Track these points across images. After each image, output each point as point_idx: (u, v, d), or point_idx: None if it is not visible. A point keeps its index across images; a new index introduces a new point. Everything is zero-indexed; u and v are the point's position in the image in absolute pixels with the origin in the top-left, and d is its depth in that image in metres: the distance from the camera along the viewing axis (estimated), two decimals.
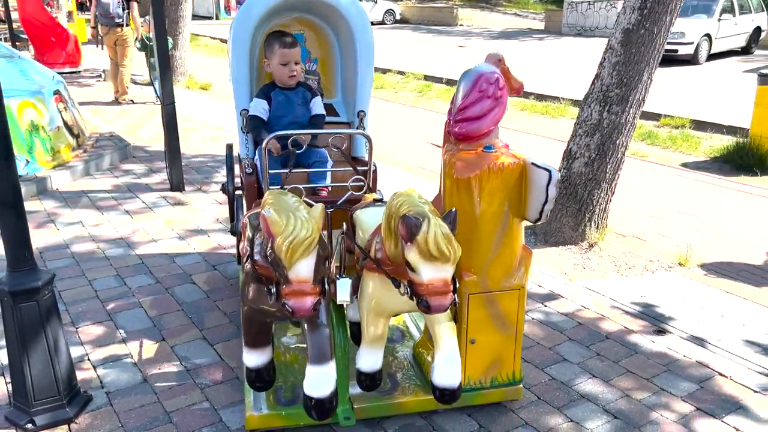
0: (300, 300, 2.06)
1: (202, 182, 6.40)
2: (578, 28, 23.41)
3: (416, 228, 2.12)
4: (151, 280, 4.26)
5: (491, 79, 2.65)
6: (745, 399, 3.13)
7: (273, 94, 3.57)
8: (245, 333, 2.59)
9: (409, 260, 2.17)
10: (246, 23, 3.51)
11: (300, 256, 2.03)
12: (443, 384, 2.49)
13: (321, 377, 2.32)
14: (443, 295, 2.16)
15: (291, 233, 2.03)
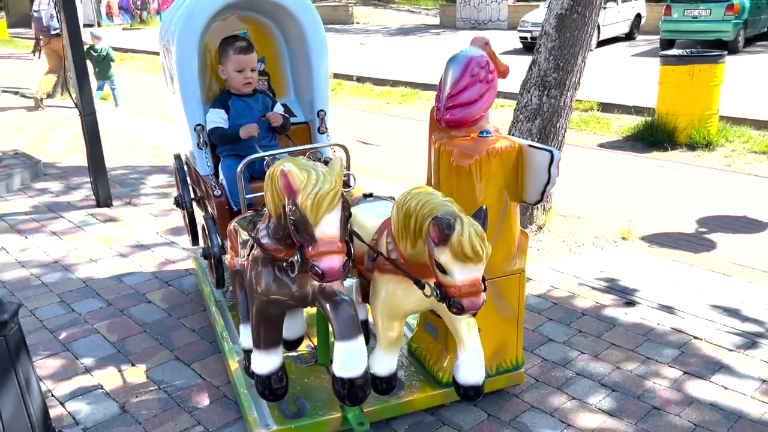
0: (330, 259, 1.90)
1: (129, 196, 6.01)
2: (472, 21, 24.04)
3: (450, 229, 2.02)
4: (101, 303, 3.93)
5: (482, 63, 2.61)
6: (724, 358, 3.28)
7: (231, 102, 3.37)
8: (255, 333, 2.39)
9: (441, 262, 2.08)
10: (191, 31, 3.23)
11: (325, 210, 1.89)
12: (470, 382, 2.42)
13: (351, 353, 2.16)
14: (476, 296, 2.09)
15: (315, 186, 1.88)
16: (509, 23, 23.11)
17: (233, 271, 2.73)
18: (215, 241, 3.27)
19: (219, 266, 3.29)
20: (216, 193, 3.22)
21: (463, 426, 2.80)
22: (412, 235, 2.26)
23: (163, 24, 3.66)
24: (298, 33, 3.50)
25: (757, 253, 4.92)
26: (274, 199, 2.07)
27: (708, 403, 2.93)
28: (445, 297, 2.14)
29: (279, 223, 2.10)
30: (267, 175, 2.13)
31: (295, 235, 1.95)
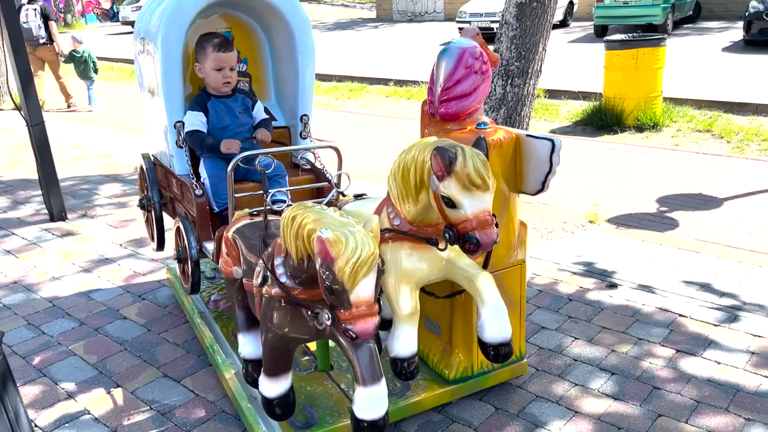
0: (364, 323, 1.84)
1: (84, 207, 5.74)
2: (409, 14, 24.12)
3: (453, 158, 2.02)
4: (72, 323, 3.72)
5: (475, 54, 2.57)
6: (711, 334, 3.37)
7: (209, 104, 3.23)
8: (266, 361, 2.31)
9: (450, 195, 2.06)
10: (177, 25, 3.09)
11: (363, 276, 1.82)
12: (497, 339, 2.31)
13: (376, 398, 2.10)
14: (489, 227, 2.07)
15: (354, 253, 1.79)
16: (446, 15, 23.32)
17: (229, 279, 2.61)
18: (193, 243, 3.13)
19: (196, 270, 3.15)
20: (197, 193, 3.08)
21: (473, 422, 2.77)
22: (413, 190, 2.22)
23: (141, 20, 3.47)
24: (286, 35, 3.39)
25: (719, 228, 5.08)
26: (298, 248, 1.97)
27: (704, 379, 3.00)
28: (458, 237, 2.10)
29: (300, 266, 2.01)
30: (288, 217, 2.02)
31: (327, 296, 1.87)
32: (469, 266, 2.38)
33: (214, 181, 3.14)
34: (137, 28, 3.54)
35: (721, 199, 5.80)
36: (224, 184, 3.16)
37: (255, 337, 2.59)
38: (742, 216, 5.32)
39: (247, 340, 2.59)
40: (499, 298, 2.33)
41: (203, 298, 3.62)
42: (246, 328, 2.59)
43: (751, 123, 8.24)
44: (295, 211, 2.01)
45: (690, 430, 2.67)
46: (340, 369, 2.95)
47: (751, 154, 7.16)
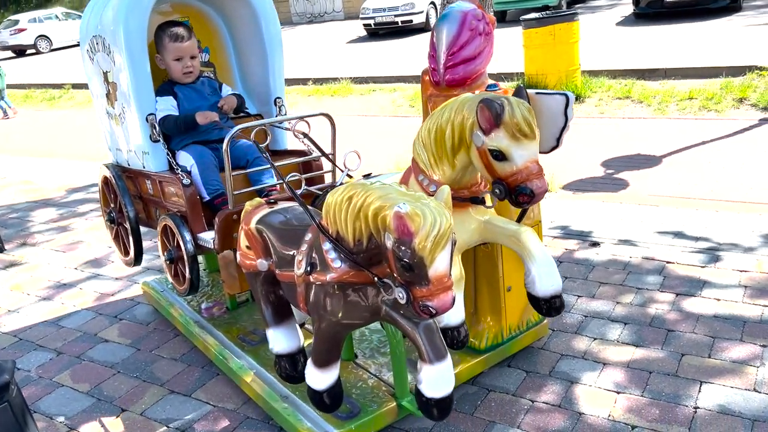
0: (443, 298, 1.76)
1: (21, 236, 5.30)
2: (308, 15, 23.95)
3: (501, 109, 1.98)
4: (48, 354, 3.41)
5: (478, 15, 2.54)
6: (701, 275, 3.51)
7: (176, 89, 3.07)
8: (318, 353, 2.17)
9: (499, 147, 2.02)
10: (138, 16, 2.87)
11: (441, 248, 1.72)
12: (550, 291, 2.26)
13: (443, 375, 2.02)
14: (542, 176, 2.06)
15: (433, 227, 1.69)
16: (345, 13, 23.32)
17: (251, 273, 2.45)
18: (187, 237, 2.93)
19: (194, 266, 2.95)
20: (185, 183, 2.89)
21: (509, 388, 2.75)
22: (450, 152, 2.18)
23: (88, 19, 3.19)
24: (248, 16, 3.23)
25: (665, 182, 5.34)
26: (358, 226, 1.85)
27: (711, 316, 3.11)
28: (509, 190, 2.07)
29: (358, 248, 1.90)
30: (342, 198, 1.89)
31: (403, 273, 1.77)
32: (509, 223, 2.35)
33: (202, 168, 2.97)
34: (84, 28, 3.28)
35: (659, 157, 6.09)
36: (213, 169, 3.01)
37: (286, 330, 2.45)
38: (682, 169, 5.61)
39: (278, 335, 2.45)
40: (545, 250, 2.31)
41: (193, 308, 3.41)
42: (275, 323, 2.45)
43: (664, 86, 8.70)
44: (350, 191, 1.89)
45: (716, 363, 2.76)
46: (365, 355, 2.85)
47: (673, 114, 7.57)
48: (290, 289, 2.23)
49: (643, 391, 2.64)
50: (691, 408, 2.52)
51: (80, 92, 14.24)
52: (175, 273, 3.12)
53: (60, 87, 15.10)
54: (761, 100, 7.30)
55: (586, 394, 2.67)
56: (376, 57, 14.14)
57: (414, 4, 17.13)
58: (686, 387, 2.64)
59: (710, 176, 5.36)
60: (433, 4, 17.73)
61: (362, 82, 11.35)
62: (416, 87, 10.35)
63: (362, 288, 2.01)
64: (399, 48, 15.19)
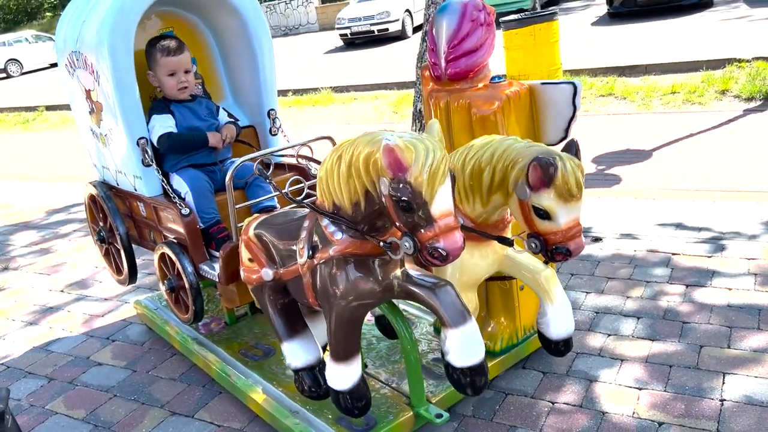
0: (452, 236, 1.64)
1: (0, 261, 5.10)
2: (283, 28, 23.87)
3: (554, 169, 1.86)
4: (39, 381, 3.25)
5: (478, 6, 2.46)
6: (709, 265, 3.45)
7: (172, 107, 2.93)
8: (336, 344, 2.03)
9: (544, 207, 1.92)
10: (124, 31, 2.69)
11: (439, 182, 1.61)
12: (564, 334, 2.25)
13: (470, 339, 1.87)
14: (580, 236, 1.97)
15: (427, 157, 1.59)
16: (320, 25, 23.29)
17: (257, 287, 2.33)
18: (188, 267, 2.79)
19: (198, 297, 2.82)
20: (184, 212, 2.74)
21: (527, 390, 2.65)
22: (485, 191, 2.08)
23: (65, 32, 3.03)
24: (237, 26, 3.09)
25: (657, 175, 5.31)
26: (352, 185, 1.75)
27: (724, 306, 3.05)
28: (545, 247, 1.99)
29: (357, 211, 1.80)
30: (332, 160, 1.79)
31: (403, 217, 1.66)
32: (531, 261, 2.27)
33: (197, 194, 2.83)
34: (61, 41, 3.11)
35: (649, 151, 6.06)
36: (208, 196, 2.87)
37: (302, 342, 2.33)
38: (673, 162, 5.59)
39: (293, 348, 2.32)
40: (563, 293, 2.26)
41: (191, 324, 3.26)
42: (289, 336, 2.32)
43: (645, 82, 8.73)
44: (337, 151, 1.79)
45: (736, 353, 2.69)
46: (374, 364, 2.74)
47: (657, 109, 7.57)
48: (297, 285, 2.11)
49: (665, 386, 2.56)
50: (717, 401, 2.43)
51: (54, 114, 14.00)
52: (176, 300, 2.98)
53: (33, 109, 14.83)
54: (743, 91, 7.33)
55: (607, 392, 2.58)
56: (355, 66, 14.08)
57: (389, 13, 17.15)
58: (709, 379, 2.56)
59: (702, 167, 5.33)
60: (408, 12, 17.77)
61: (343, 90, 11.27)
62: (398, 93, 10.30)
63: (370, 261, 1.90)
64: (377, 56, 15.16)
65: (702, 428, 2.31)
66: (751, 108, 6.95)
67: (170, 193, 2.83)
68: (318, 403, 2.47)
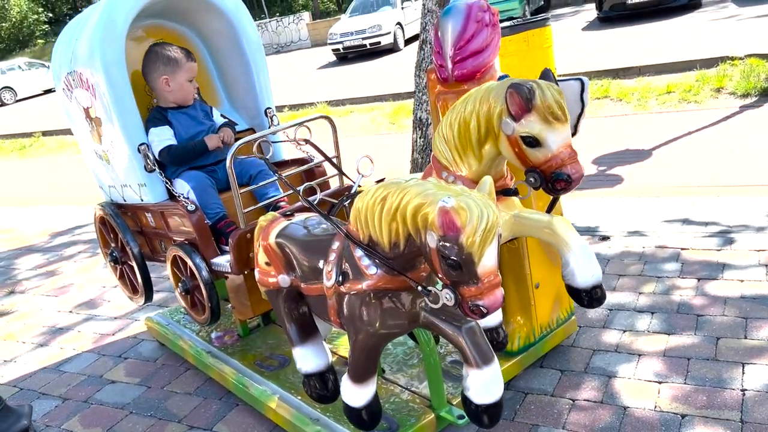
0: (493, 295, 1.64)
1: (8, 285, 5.09)
2: (275, 46, 23.98)
3: (531, 93, 1.90)
4: (53, 401, 3.23)
5: (483, 7, 2.48)
6: (719, 258, 3.45)
7: (170, 117, 2.94)
8: (356, 366, 2.04)
9: (532, 133, 1.94)
10: (113, 42, 2.72)
11: (490, 243, 1.61)
12: (592, 281, 2.15)
13: (492, 379, 1.90)
14: (577, 161, 1.98)
15: (481, 221, 1.58)
16: (312, 41, 23.40)
17: (271, 291, 2.33)
18: (201, 265, 2.78)
19: (212, 294, 2.80)
20: (190, 209, 2.75)
21: (546, 389, 2.65)
22: (476, 144, 2.09)
23: (60, 55, 3.06)
24: (226, 29, 3.11)
25: (658, 173, 5.33)
26: (394, 227, 1.74)
27: (738, 297, 3.05)
28: (544, 178, 1.99)
29: (395, 251, 1.79)
30: (375, 199, 1.78)
31: (449, 273, 1.65)
32: (540, 215, 2.26)
33: (200, 192, 2.85)
34: (57, 65, 3.11)
35: (648, 150, 6.09)
36: (211, 192, 2.89)
37: (313, 348, 2.32)
38: (672, 160, 5.62)
39: (305, 353, 2.31)
40: (581, 239, 2.22)
41: (203, 338, 3.26)
42: (301, 341, 2.32)
43: (640, 83, 8.78)
44: (383, 191, 1.77)
45: (754, 343, 2.69)
46: (392, 369, 2.73)
47: (654, 109, 7.62)
48: (319, 303, 2.11)
49: (685, 378, 2.55)
50: (738, 391, 2.43)
51: (51, 139, 14.00)
52: (192, 303, 2.97)
53: (30, 135, 14.83)
54: (738, 88, 7.38)
55: (626, 387, 2.57)
56: (349, 80, 14.14)
57: (381, 26, 17.25)
58: (729, 370, 2.55)
59: (703, 164, 5.36)
60: (399, 25, 17.88)
61: (339, 104, 11.31)
62: (394, 105, 10.34)
63: (399, 294, 1.90)
64: (370, 69, 15.23)
65: (725, 418, 2.31)
66: (747, 104, 6.99)
67: (176, 194, 2.84)
68: (338, 409, 2.45)
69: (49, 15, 39.15)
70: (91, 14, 2.88)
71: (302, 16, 23.94)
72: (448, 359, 2.72)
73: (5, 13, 35.58)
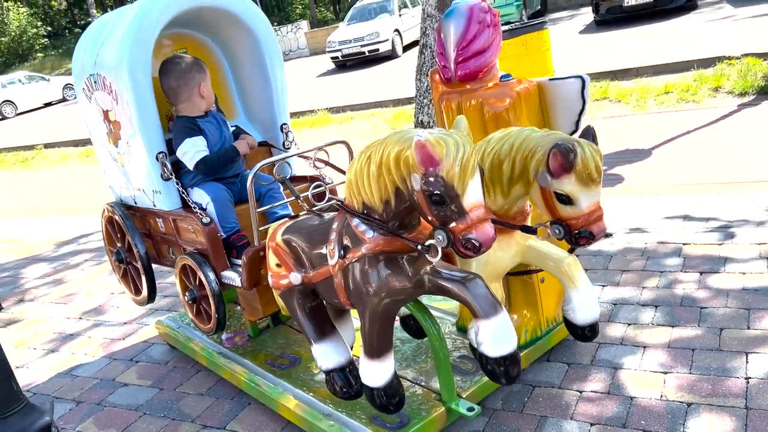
0: (484, 228, 1.70)
1: (16, 294, 5.14)
2: None
3: (574, 155, 1.93)
4: (67, 405, 3.27)
5: (484, 8, 2.54)
6: (720, 252, 3.50)
7: (201, 125, 2.99)
8: (370, 341, 2.07)
9: (566, 192, 1.99)
10: (143, 49, 2.77)
11: (470, 175, 1.68)
12: (591, 319, 2.30)
13: (502, 328, 1.91)
14: (602, 219, 2.04)
15: (458, 150, 1.65)
16: (311, 50, 23.52)
17: (286, 292, 2.38)
18: (210, 276, 2.83)
19: (220, 305, 2.86)
20: (205, 221, 2.80)
21: (554, 381, 2.69)
22: (506, 183, 2.14)
23: (83, 57, 3.10)
24: (249, 43, 3.16)
25: (659, 172, 5.38)
26: (382, 183, 1.82)
27: (740, 289, 3.09)
28: (569, 232, 2.05)
29: (388, 209, 1.86)
30: (362, 161, 1.86)
31: (436, 211, 1.72)
32: (554, 250, 2.33)
33: (219, 205, 2.89)
34: (78, 68, 3.18)
35: (648, 150, 6.15)
36: (229, 206, 2.94)
37: (332, 344, 2.36)
38: (672, 159, 5.67)
39: (324, 350, 2.36)
40: (587, 279, 2.31)
41: (214, 340, 3.30)
42: (319, 338, 2.36)
43: (638, 84, 8.84)
44: (366, 152, 1.86)
45: (756, 333, 2.73)
46: (401, 366, 2.77)
47: (652, 109, 7.68)
48: (328, 286, 2.15)
49: (690, 368, 2.60)
50: (742, 379, 2.48)
51: (53, 151, 14.07)
52: (197, 312, 3.02)
53: (32, 148, 14.90)
54: (736, 86, 7.44)
55: (633, 378, 2.62)
56: (348, 87, 14.22)
57: (379, 33, 17.35)
58: (732, 359, 2.60)
59: (702, 162, 5.41)
60: (397, 32, 17.98)
61: (339, 111, 11.38)
62: (394, 110, 10.41)
63: (401, 258, 1.96)
64: (369, 76, 15.31)
65: (731, 405, 2.35)
66: (745, 103, 7.05)
67: (192, 205, 2.88)
68: (350, 404, 2.50)
69: (48, 29, 39.29)
70: (119, 19, 2.91)
71: (300, 24, 24.08)
72: (455, 354, 2.76)
73: (4, 28, 35.73)
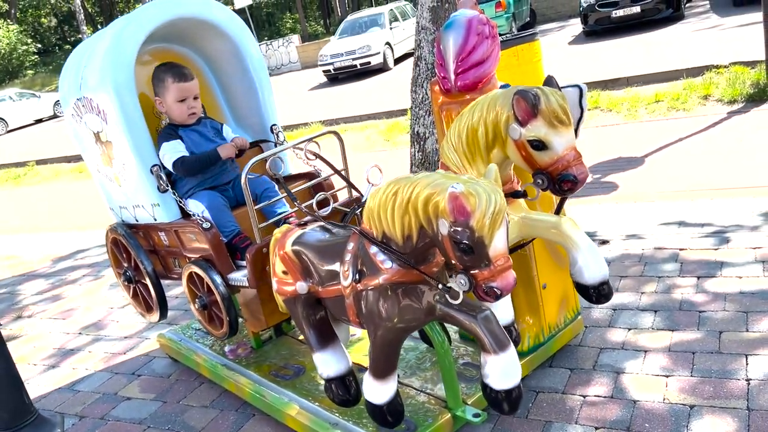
0: (506, 277, 1.74)
1: (14, 310, 5.12)
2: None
3: (537, 98, 2.01)
4: (70, 420, 3.24)
5: (483, 20, 2.59)
6: (717, 257, 3.55)
7: (180, 132, 3.02)
8: (377, 363, 2.11)
9: (539, 137, 2.05)
10: (124, 66, 2.79)
11: (498, 226, 1.71)
12: (599, 278, 2.25)
13: (509, 364, 1.96)
14: (582, 163, 2.09)
15: (489, 204, 1.68)
16: (302, 63, 23.62)
17: (290, 299, 2.40)
18: (218, 280, 2.85)
19: (231, 308, 2.87)
20: (205, 226, 2.82)
21: (557, 387, 2.72)
22: (484, 150, 2.20)
23: (69, 81, 3.13)
24: (229, 50, 3.20)
25: (652, 180, 5.44)
26: (407, 220, 1.85)
27: (737, 293, 3.14)
28: (551, 179, 2.09)
29: (407, 245, 1.89)
30: (387, 194, 1.88)
31: (461, 258, 1.74)
32: (547, 216, 2.36)
33: (214, 211, 2.92)
34: (65, 92, 3.18)
35: (641, 157, 6.22)
36: (225, 210, 2.97)
37: (333, 353, 2.39)
38: (665, 166, 5.74)
39: (325, 358, 2.38)
40: (588, 237, 2.32)
41: (217, 351, 3.31)
42: (321, 346, 2.38)
43: (629, 94, 8.95)
44: (394, 186, 1.88)
45: (755, 335, 2.77)
46: (405, 374, 2.79)
47: (643, 118, 7.77)
48: (338, 304, 2.18)
49: (691, 371, 2.63)
50: (743, 380, 2.51)
51: (45, 168, 14.04)
52: (209, 318, 3.03)
53: (23, 165, 14.87)
54: (725, 94, 7.54)
55: (635, 382, 2.65)
56: (341, 100, 14.29)
57: (370, 47, 17.46)
58: (733, 362, 2.63)
59: (694, 169, 5.48)
60: (388, 45, 18.10)
61: (332, 123, 11.43)
62: (387, 122, 10.47)
63: (415, 288, 1.98)
64: (361, 89, 15.39)
65: (732, 407, 2.38)
66: (735, 110, 7.14)
67: (191, 213, 2.91)
68: (357, 413, 2.52)
69: (38, 46, 39.30)
70: (98, 41, 2.96)
71: (291, 38, 24.20)
72: (461, 362, 2.79)
73: None
